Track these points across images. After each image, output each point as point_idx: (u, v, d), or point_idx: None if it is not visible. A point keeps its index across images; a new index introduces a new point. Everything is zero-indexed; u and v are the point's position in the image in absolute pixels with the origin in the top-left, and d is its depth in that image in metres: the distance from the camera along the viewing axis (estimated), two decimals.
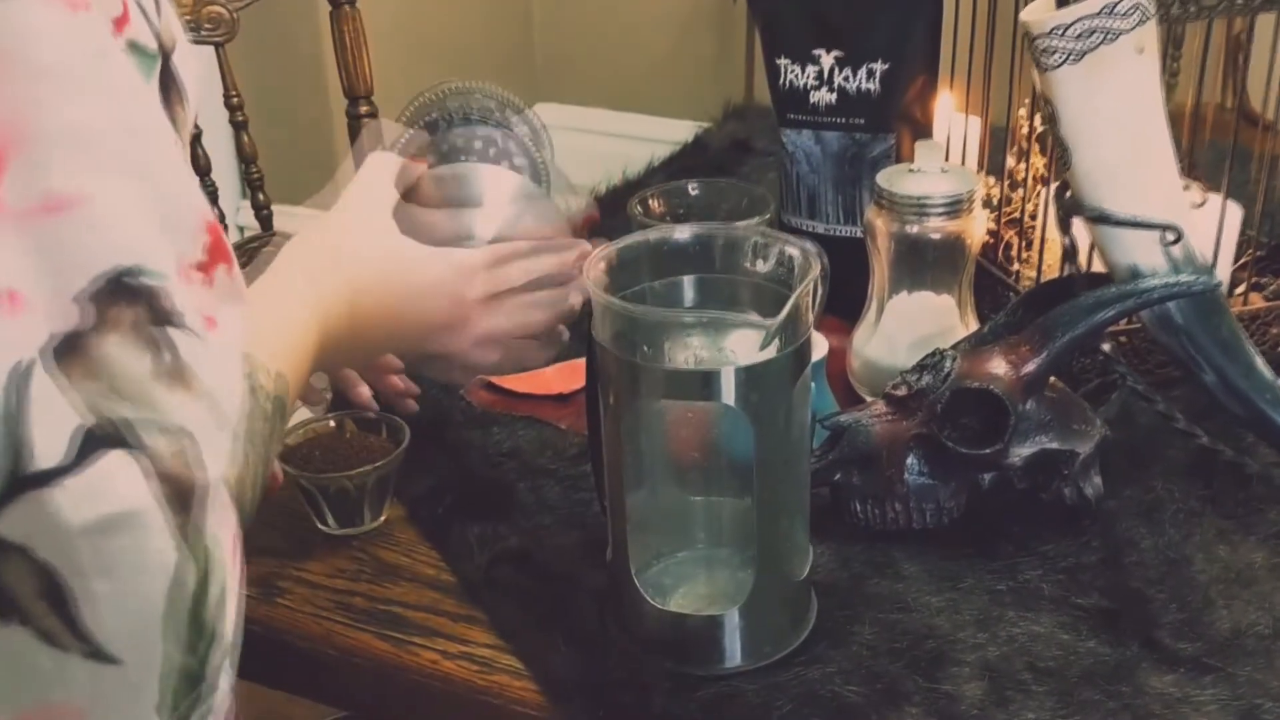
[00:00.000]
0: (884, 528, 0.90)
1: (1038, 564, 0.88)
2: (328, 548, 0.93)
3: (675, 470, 0.88)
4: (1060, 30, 0.89)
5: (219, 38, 1.46)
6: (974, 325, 1.04)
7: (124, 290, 0.51)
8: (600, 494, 0.86)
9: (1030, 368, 0.87)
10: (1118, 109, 0.91)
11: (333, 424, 0.96)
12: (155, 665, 0.52)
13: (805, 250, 0.78)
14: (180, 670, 0.52)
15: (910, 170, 1.02)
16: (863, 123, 1.17)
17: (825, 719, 0.76)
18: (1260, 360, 0.94)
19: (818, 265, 0.76)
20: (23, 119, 0.50)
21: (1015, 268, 1.14)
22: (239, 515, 0.55)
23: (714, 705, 0.78)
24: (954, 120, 1.20)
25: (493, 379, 1.09)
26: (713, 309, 0.81)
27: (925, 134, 1.17)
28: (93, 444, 0.49)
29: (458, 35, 3.03)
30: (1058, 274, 1.00)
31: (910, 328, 1.03)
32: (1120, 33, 0.89)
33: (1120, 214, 0.92)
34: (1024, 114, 1.16)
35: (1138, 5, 0.88)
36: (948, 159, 1.07)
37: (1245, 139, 1.05)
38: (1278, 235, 1.17)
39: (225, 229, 0.58)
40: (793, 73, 1.18)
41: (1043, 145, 1.16)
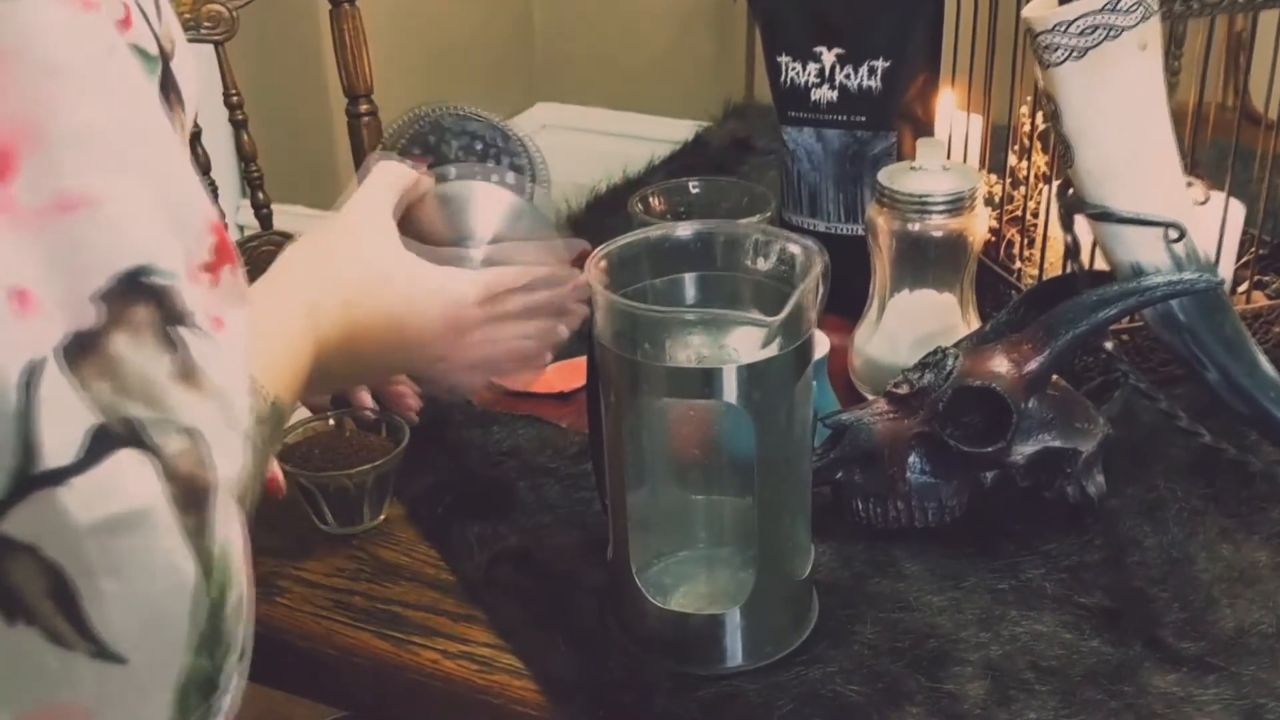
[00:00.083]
0: (886, 526, 0.89)
1: (1040, 563, 0.88)
2: (327, 547, 0.93)
3: (676, 469, 0.87)
4: (1063, 26, 0.89)
5: (218, 36, 1.46)
6: (976, 323, 1.04)
7: (136, 290, 0.51)
8: (601, 493, 0.85)
9: (1032, 366, 0.87)
10: (1120, 106, 0.91)
11: (332, 423, 0.96)
12: (164, 666, 0.52)
13: (806, 248, 0.78)
14: (194, 674, 0.52)
15: (912, 168, 1.02)
16: (864, 120, 1.16)
17: (827, 719, 0.76)
18: (1263, 358, 0.94)
19: (819, 263, 0.76)
20: (35, 118, 0.50)
21: (1017, 266, 1.14)
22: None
23: (715, 705, 0.77)
24: (955, 118, 1.20)
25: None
26: (714, 307, 0.81)
27: (927, 132, 1.17)
28: (104, 443, 0.49)
29: (457, 34, 3.03)
30: (1060, 272, 1.00)
31: (912, 326, 1.03)
32: (1123, 29, 0.88)
33: (1123, 211, 0.92)
34: (1026, 111, 1.15)
35: (1140, 1, 0.88)
36: (949, 156, 1.07)
37: (1247, 138, 1.04)
38: None
39: (226, 228, 0.58)
40: (794, 70, 1.18)
41: (1045, 142, 1.16)
